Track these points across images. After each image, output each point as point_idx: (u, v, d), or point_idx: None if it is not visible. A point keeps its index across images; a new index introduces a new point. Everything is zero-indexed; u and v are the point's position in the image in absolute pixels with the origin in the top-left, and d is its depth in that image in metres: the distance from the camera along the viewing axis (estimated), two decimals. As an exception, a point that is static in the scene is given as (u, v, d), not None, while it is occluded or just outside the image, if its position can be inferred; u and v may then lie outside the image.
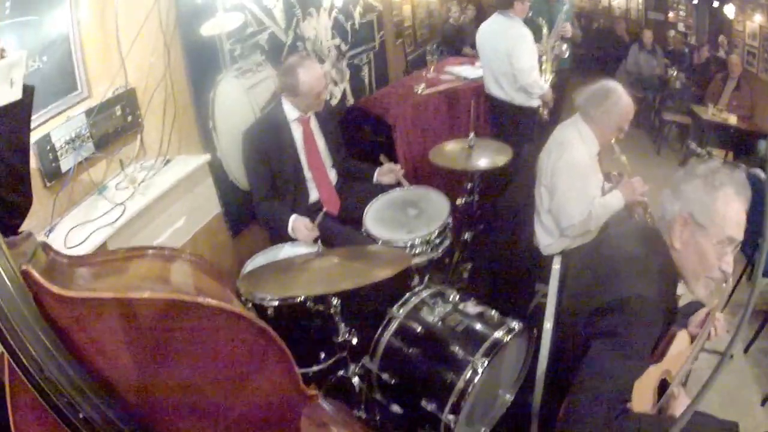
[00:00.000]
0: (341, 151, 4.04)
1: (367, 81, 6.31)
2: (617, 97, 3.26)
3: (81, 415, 1.17)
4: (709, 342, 2.19)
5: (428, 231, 3.34)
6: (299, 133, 3.68)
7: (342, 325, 2.77)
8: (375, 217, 3.53)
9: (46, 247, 1.32)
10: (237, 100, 3.91)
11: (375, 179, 3.95)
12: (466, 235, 4.16)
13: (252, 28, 4.07)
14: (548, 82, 5.12)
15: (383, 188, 3.85)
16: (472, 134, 3.89)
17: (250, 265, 3.18)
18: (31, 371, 1.10)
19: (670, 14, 11.26)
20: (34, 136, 2.53)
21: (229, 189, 3.91)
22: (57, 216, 2.72)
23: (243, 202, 3.93)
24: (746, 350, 4.12)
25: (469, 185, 4.09)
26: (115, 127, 3.03)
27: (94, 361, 1.18)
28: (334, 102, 5.42)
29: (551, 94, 5.02)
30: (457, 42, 8.66)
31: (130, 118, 3.11)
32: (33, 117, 2.40)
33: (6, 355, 1.08)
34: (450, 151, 4.00)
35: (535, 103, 4.94)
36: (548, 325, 2.45)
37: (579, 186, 3.25)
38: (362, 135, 5.17)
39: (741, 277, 4.21)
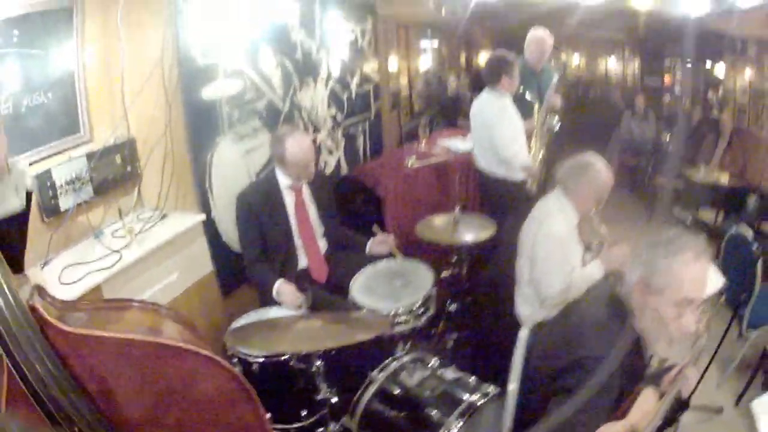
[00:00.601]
0: (334, 220, 4.14)
1: (362, 150, 6.48)
2: (595, 170, 3.38)
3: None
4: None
5: (412, 301, 3.43)
6: (291, 201, 3.80)
7: (324, 385, 2.86)
8: (361, 287, 3.60)
9: (41, 291, 1.45)
10: (233, 164, 4.05)
11: (368, 249, 4.03)
12: (452, 307, 4.26)
13: (250, 95, 4.25)
14: (540, 157, 5.23)
15: (371, 259, 3.93)
16: (457, 209, 4.03)
17: (237, 323, 3.27)
18: (37, 389, 1.22)
19: (666, 78, 11.56)
20: (35, 170, 2.69)
21: (222, 249, 4.00)
22: (53, 251, 2.86)
23: (235, 263, 3.98)
24: (737, 403, 4.15)
25: (455, 258, 4.20)
26: (114, 174, 3.18)
27: (87, 385, 1.28)
28: (329, 171, 5.58)
29: (538, 168, 5.10)
30: (453, 113, 8.88)
31: (129, 168, 3.27)
32: (35, 150, 2.55)
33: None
34: (436, 226, 4.15)
35: (519, 176, 4.99)
36: (512, 386, 2.52)
37: (559, 257, 3.35)
38: (354, 206, 5.27)
39: (727, 331, 4.27)
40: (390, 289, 3.58)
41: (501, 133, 4.88)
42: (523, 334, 2.70)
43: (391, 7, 7.21)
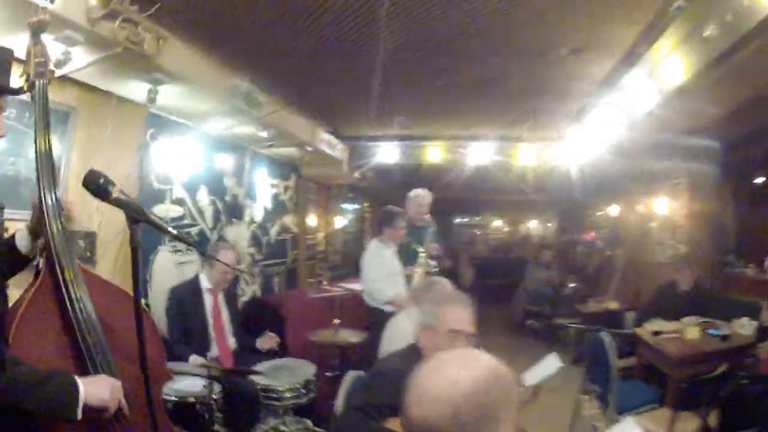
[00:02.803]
0: (240, 327, 5.15)
1: (277, 289, 7.59)
2: (441, 286, 4.12)
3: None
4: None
5: (294, 381, 4.53)
6: (210, 302, 4.84)
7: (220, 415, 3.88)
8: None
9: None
10: (168, 269, 5.16)
11: (258, 344, 5.06)
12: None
13: (188, 221, 5.45)
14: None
15: (270, 357, 5.00)
16: (337, 322, 5.17)
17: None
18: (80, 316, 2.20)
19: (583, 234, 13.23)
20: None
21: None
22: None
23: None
24: None
25: (337, 359, 5.28)
26: (78, 254, 3.98)
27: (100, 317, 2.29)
28: (245, 298, 6.65)
29: (405, 301, 5.67)
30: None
31: (89, 254, 4.26)
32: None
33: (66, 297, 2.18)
34: (323, 332, 5.25)
35: (387, 308, 5.64)
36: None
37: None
38: (262, 324, 6.23)
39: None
40: (280, 375, 4.66)
41: (367, 275, 5.96)
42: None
43: (313, 169, 8.51)
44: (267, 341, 5.10)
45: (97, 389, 2.05)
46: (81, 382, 2.01)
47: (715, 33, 3.80)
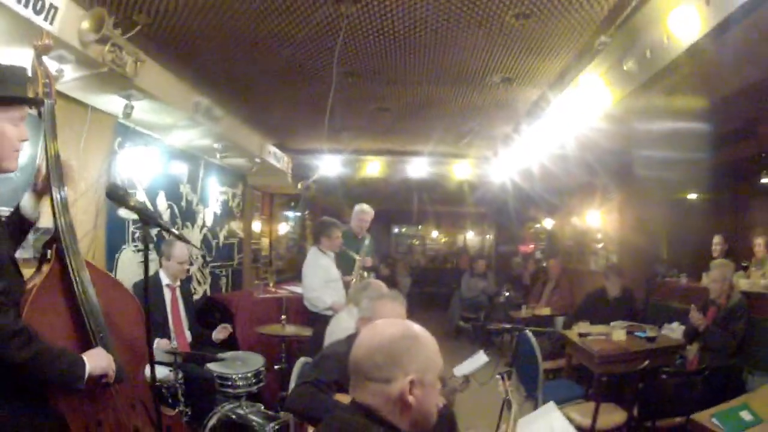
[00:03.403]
0: (195, 321, 5.61)
1: (224, 288, 8.06)
2: (376, 285, 4.57)
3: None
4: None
5: (246, 371, 5.02)
6: (169, 296, 5.27)
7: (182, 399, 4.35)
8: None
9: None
10: (131, 266, 5.57)
11: (213, 336, 5.48)
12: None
13: (147, 223, 5.84)
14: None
15: (222, 350, 5.44)
16: (284, 317, 5.61)
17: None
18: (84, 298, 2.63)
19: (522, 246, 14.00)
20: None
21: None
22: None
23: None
24: None
25: (283, 353, 5.76)
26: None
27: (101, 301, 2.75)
28: (197, 296, 7.06)
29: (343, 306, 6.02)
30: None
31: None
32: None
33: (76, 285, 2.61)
34: (270, 327, 5.70)
35: (327, 312, 6.10)
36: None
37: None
38: (213, 319, 6.64)
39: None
40: (233, 365, 5.13)
41: (306, 283, 6.48)
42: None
43: (259, 178, 9.03)
44: (221, 332, 5.52)
45: (98, 361, 2.46)
46: (86, 357, 2.42)
47: (634, 67, 4.34)
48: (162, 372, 4.37)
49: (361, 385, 1.93)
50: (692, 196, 9.55)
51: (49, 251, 2.69)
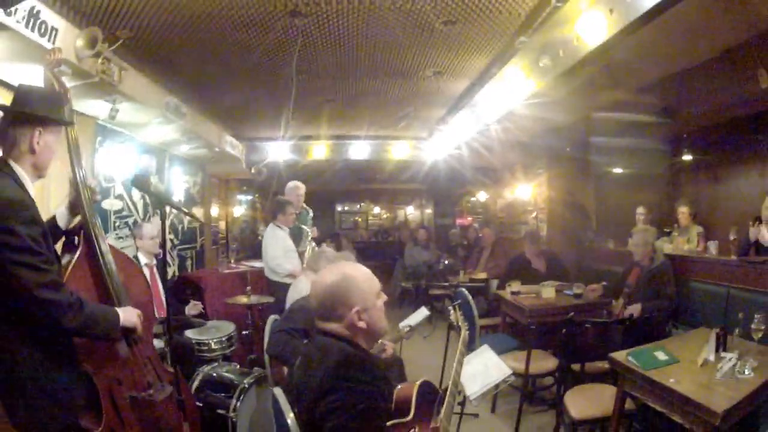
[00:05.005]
0: (170, 299, 6.17)
1: (190, 269, 8.70)
2: (329, 252, 5.27)
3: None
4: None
5: (220, 336, 5.71)
6: (148, 274, 5.79)
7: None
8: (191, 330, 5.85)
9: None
10: (114, 251, 6.19)
11: (186, 311, 6.22)
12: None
13: (126, 212, 6.50)
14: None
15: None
16: (249, 287, 6.18)
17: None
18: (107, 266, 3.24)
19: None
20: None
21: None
22: None
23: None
24: (493, 410, 5.78)
25: (249, 320, 6.45)
26: None
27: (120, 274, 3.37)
28: (168, 276, 7.67)
29: (301, 272, 6.38)
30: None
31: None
32: None
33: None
34: (239, 298, 6.36)
35: (287, 280, 6.60)
36: (291, 415, 2.60)
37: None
38: (186, 295, 7.21)
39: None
40: (208, 332, 5.84)
41: (267, 253, 7.06)
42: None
43: (216, 165, 9.68)
44: (193, 308, 6.28)
45: (129, 315, 2.98)
46: (120, 311, 2.91)
47: (549, 63, 4.99)
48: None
49: (322, 324, 2.45)
50: (618, 170, 10.17)
51: (76, 237, 3.20)
